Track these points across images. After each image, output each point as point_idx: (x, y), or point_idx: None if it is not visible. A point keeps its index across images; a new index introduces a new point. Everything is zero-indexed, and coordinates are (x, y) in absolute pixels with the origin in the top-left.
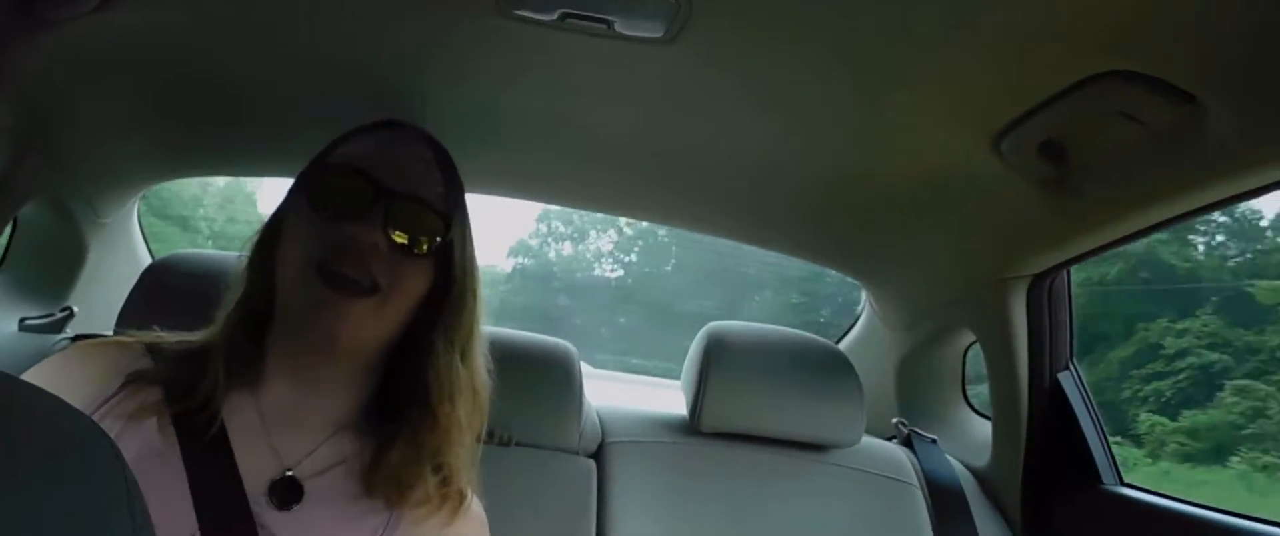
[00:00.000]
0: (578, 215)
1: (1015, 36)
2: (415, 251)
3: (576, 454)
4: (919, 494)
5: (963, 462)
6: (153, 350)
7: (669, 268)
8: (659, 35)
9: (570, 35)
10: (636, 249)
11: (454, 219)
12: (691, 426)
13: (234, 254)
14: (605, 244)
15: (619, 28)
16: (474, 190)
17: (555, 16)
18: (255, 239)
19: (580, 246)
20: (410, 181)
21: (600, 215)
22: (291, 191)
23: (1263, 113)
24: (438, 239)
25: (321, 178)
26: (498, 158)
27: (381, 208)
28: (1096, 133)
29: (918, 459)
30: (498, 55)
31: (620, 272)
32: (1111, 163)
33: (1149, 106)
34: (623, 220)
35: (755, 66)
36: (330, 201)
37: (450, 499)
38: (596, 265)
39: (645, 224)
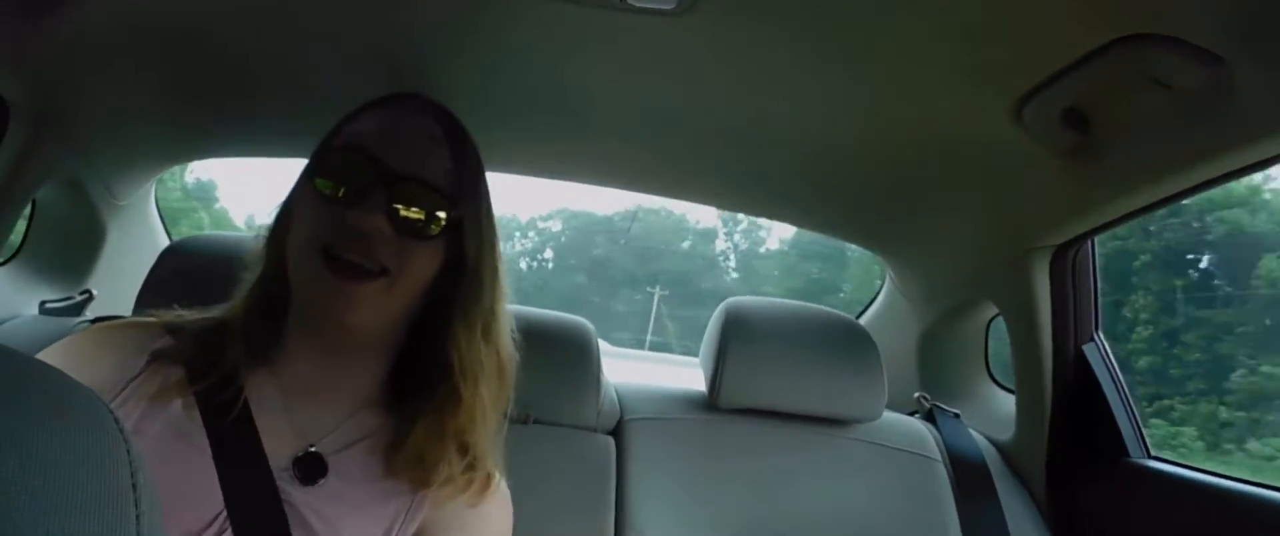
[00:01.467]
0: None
1: (1037, 1)
2: (422, 233)
3: (595, 431)
4: (942, 468)
5: (986, 436)
6: (173, 329)
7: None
8: (671, 7)
9: (581, 8)
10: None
11: (463, 197)
12: (710, 402)
13: (251, 235)
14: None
15: (631, 0)
16: (486, 169)
17: None
18: (271, 220)
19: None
20: (414, 161)
21: (518, 227)
22: (302, 174)
23: None
24: (444, 219)
25: (325, 160)
26: (509, 134)
27: (384, 190)
28: (1121, 98)
29: (940, 433)
30: (511, 31)
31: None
32: (1136, 129)
33: (1176, 70)
34: (540, 222)
35: (769, 36)
36: (334, 185)
37: (477, 480)
38: (520, 261)
39: (559, 228)
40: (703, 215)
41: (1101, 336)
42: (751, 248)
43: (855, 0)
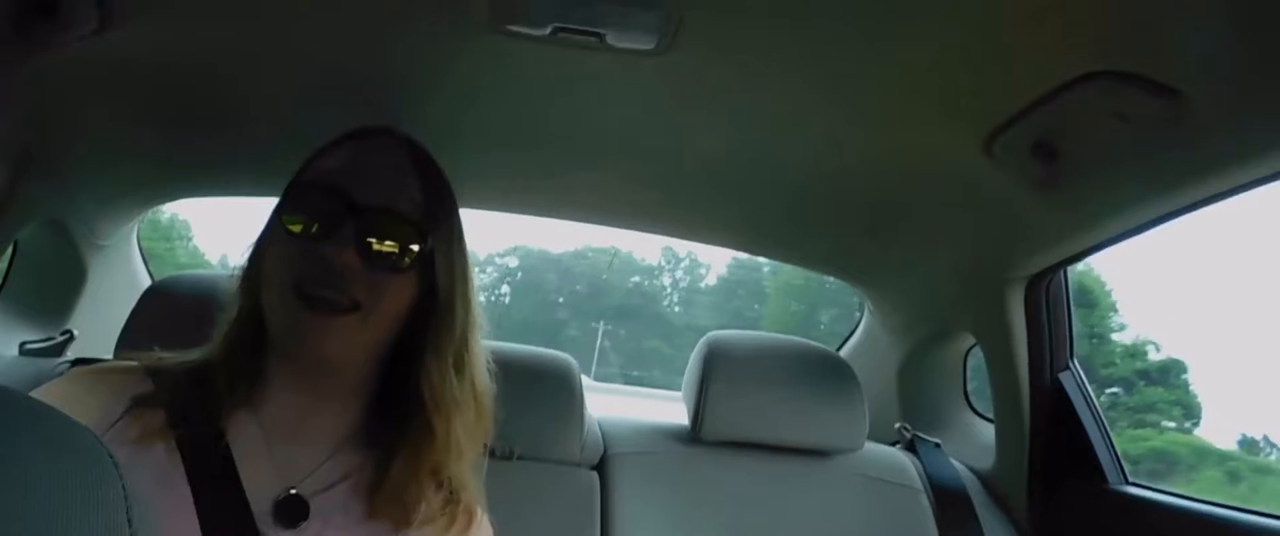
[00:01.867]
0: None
1: (1001, 38)
2: (393, 266)
3: (579, 466)
4: (924, 498)
5: (966, 465)
6: (154, 372)
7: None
8: (650, 47)
9: (562, 48)
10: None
11: (434, 228)
12: (693, 436)
13: (232, 274)
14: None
15: (610, 40)
16: (465, 205)
17: (547, 31)
18: (244, 259)
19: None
20: (383, 193)
21: (476, 262)
22: (272, 212)
23: (1248, 108)
24: (415, 251)
25: (294, 198)
26: (490, 171)
27: (353, 223)
28: (1087, 132)
29: (921, 463)
30: (491, 69)
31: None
32: (1103, 162)
33: (1136, 104)
34: (498, 258)
35: (745, 75)
36: (303, 222)
37: (459, 517)
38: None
39: (515, 264)
40: (648, 252)
41: (1076, 365)
42: (692, 283)
43: (827, 40)
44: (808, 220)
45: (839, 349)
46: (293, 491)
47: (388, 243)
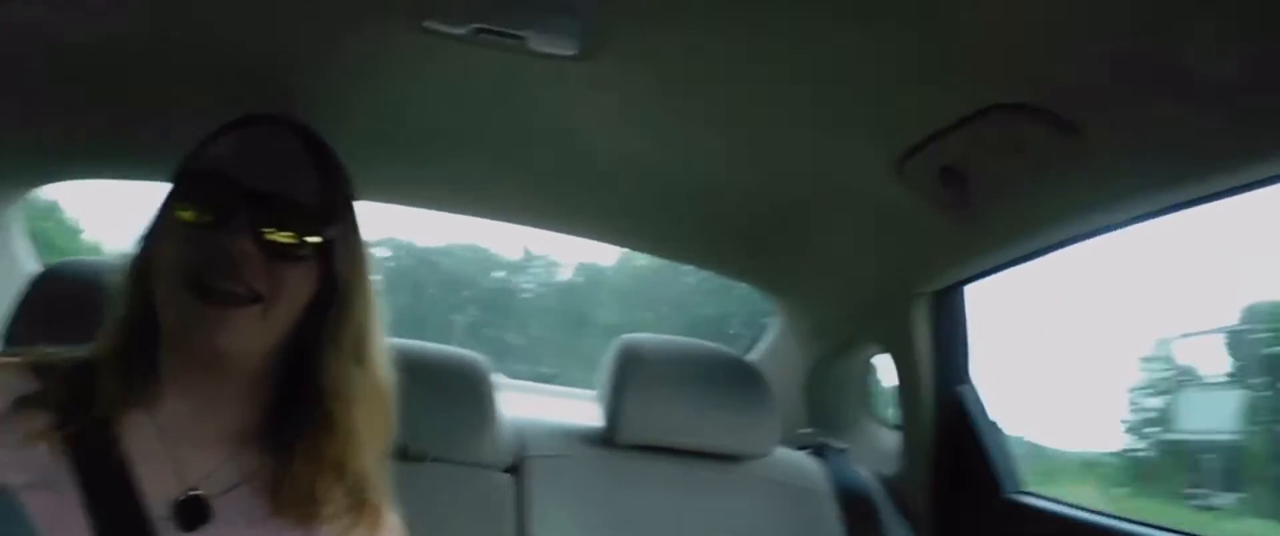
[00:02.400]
0: None
1: (913, 65)
2: (292, 254)
3: (493, 468)
4: (831, 502)
5: (873, 472)
6: (39, 370)
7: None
8: (573, 52)
9: (482, 50)
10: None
11: (332, 217)
12: (608, 439)
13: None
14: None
15: (532, 45)
16: (378, 200)
17: (467, 31)
18: (133, 250)
19: None
20: (279, 180)
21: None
22: (162, 203)
23: (1143, 144)
24: (313, 239)
25: (184, 187)
26: (402, 168)
27: (247, 211)
28: (993, 160)
29: (829, 468)
30: (406, 66)
31: None
32: (1007, 189)
33: (1040, 137)
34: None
35: (665, 84)
36: (196, 211)
37: (366, 514)
38: None
39: (388, 254)
40: (509, 248)
41: (974, 379)
42: (547, 279)
43: (744, 54)
44: (722, 228)
45: (746, 353)
46: (192, 492)
47: (285, 230)
